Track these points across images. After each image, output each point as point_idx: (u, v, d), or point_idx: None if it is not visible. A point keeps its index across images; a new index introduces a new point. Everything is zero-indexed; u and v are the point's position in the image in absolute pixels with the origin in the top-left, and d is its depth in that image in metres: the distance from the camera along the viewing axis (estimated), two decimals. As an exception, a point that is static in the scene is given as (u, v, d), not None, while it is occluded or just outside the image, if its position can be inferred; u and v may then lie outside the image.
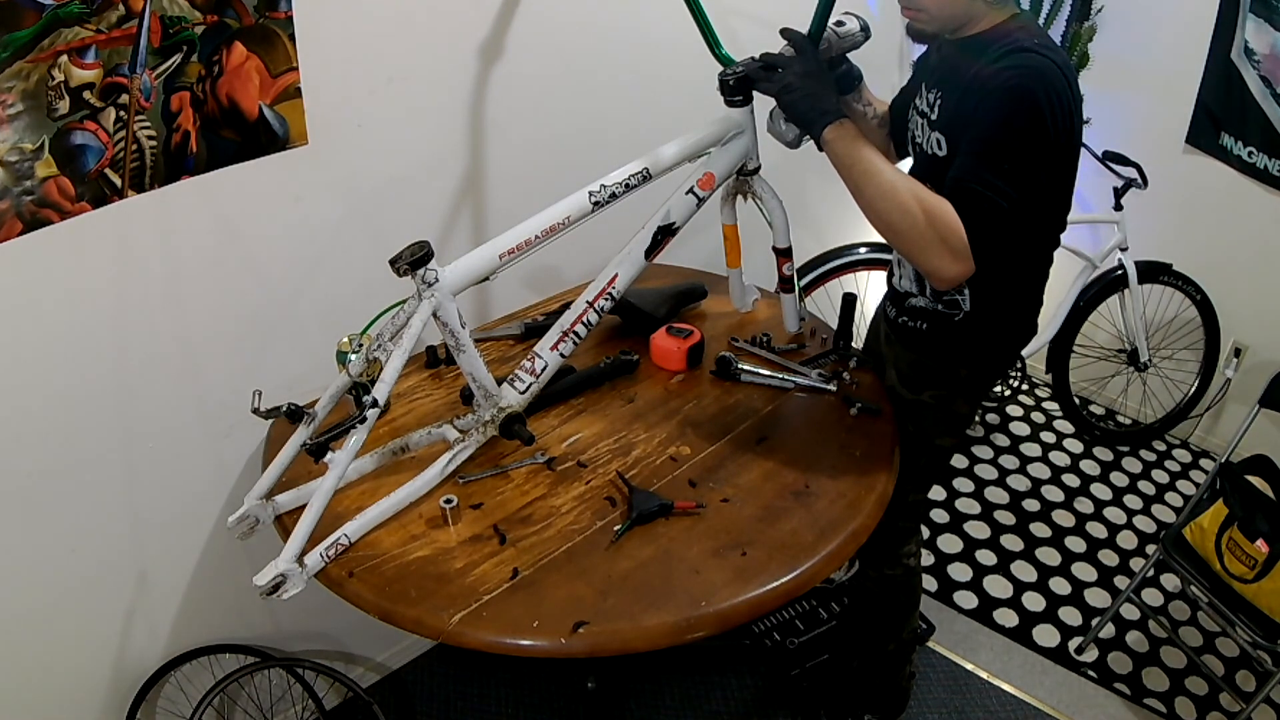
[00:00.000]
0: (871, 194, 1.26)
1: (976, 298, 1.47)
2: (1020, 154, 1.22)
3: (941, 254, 1.22)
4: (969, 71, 1.29)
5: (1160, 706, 2.12)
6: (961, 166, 1.25)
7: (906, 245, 1.26)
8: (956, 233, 1.21)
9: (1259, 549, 1.84)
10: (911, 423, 1.61)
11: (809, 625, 2.13)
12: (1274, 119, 2.48)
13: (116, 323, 1.41)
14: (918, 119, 1.45)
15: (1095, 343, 3.04)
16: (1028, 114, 1.21)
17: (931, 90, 1.41)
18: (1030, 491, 2.81)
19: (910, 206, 1.23)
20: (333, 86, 1.50)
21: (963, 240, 1.21)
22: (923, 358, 1.58)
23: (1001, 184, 1.21)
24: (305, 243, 1.59)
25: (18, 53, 1.15)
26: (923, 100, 1.44)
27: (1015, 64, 1.22)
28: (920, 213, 1.22)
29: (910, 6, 1.34)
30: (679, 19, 1.63)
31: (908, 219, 1.23)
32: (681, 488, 1.38)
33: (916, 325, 1.56)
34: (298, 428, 1.30)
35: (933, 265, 1.25)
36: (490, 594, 1.18)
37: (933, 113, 1.39)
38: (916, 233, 1.23)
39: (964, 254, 1.22)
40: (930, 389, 1.59)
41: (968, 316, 1.49)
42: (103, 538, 1.53)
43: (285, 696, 1.90)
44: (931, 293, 1.51)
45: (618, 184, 1.45)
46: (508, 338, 1.80)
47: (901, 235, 1.25)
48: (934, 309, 1.52)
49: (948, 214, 1.21)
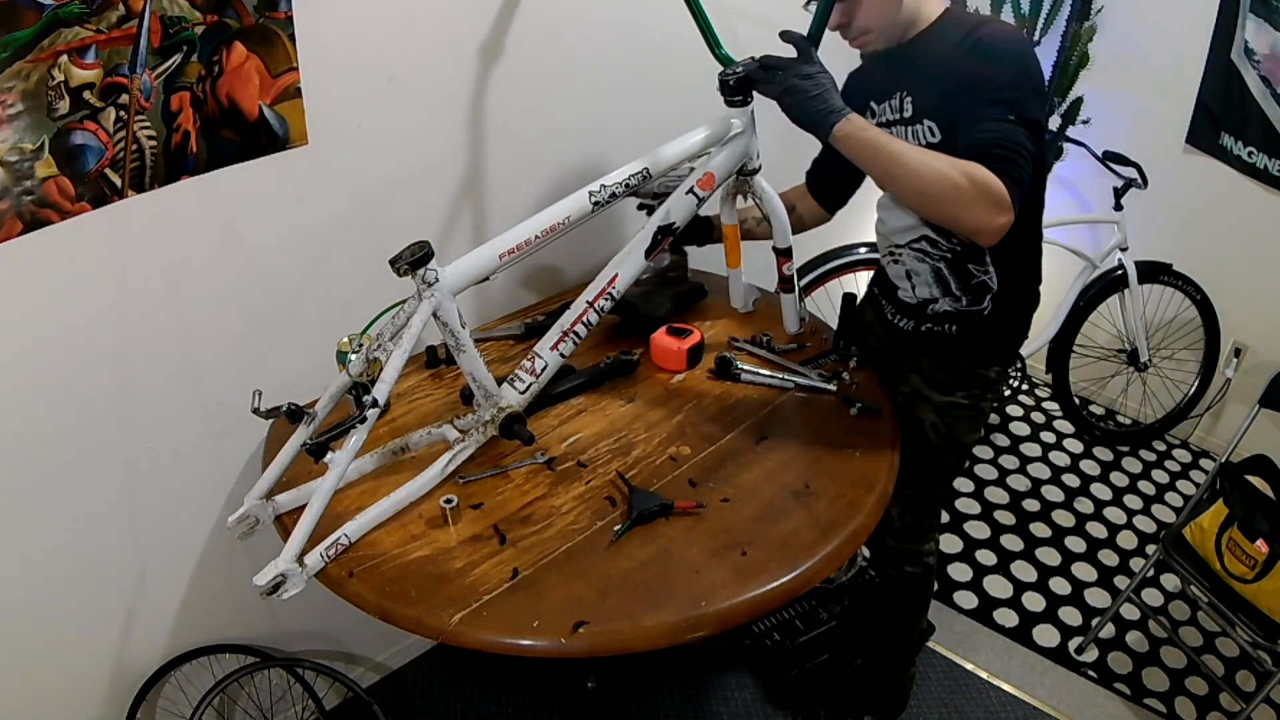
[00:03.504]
0: (905, 173, 1.28)
1: (1001, 269, 1.49)
2: (1024, 106, 1.27)
3: (987, 208, 1.25)
4: (942, 58, 1.35)
5: (1160, 706, 2.12)
6: (978, 129, 1.28)
7: (952, 209, 1.27)
8: (996, 185, 1.23)
9: (1259, 549, 1.84)
10: (944, 424, 1.63)
11: (809, 625, 2.13)
12: (1274, 119, 2.48)
13: (116, 323, 1.41)
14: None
15: (1095, 343, 3.04)
16: (1022, 71, 1.29)
17: (891, 97, 1.45)
18: (1030, 491, 2.81)
19: (948, 172, 1.24)
20: (333, 86, 1.50)
21: (1003, 191, 1.24)
22: (953, 360, 1.60)
23: (1019, 136, 1.26)
24: (305, 243, 1.59)
25: (18, 53, 1.15)
26: (881, 113, 1.48)
27: (992, 33, 1.31)
28: (959, 174, 1.24)
29: (856, 35, 1.42)
30: (679, 19, 1.63)
31: (948, 183, 1.24)
32: (681, 488, 1.38)
33: (945, 329, 1.58)
34: (298, 428, 1.30)
35: (980, 222, 1.26)
36: (490, 594, 1.18)
37: (905, 112, 1.43)
38: (960, 193, 1.24)
39: (1006, 204, 1.25)
40: (963, 389, 1.61)
41: (996, 299, 1.52)
42: (103, 538, 1.53)
43: (285, 696, 1.90)
44: (958, 289, 1.53)
45: (618, 184, 1.45)
46: (508, 338, 1.80)
47: (947, 201, 1.26)
48: (960, 309, 1.54)
49: (981, 170, 1.24)
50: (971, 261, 1.50)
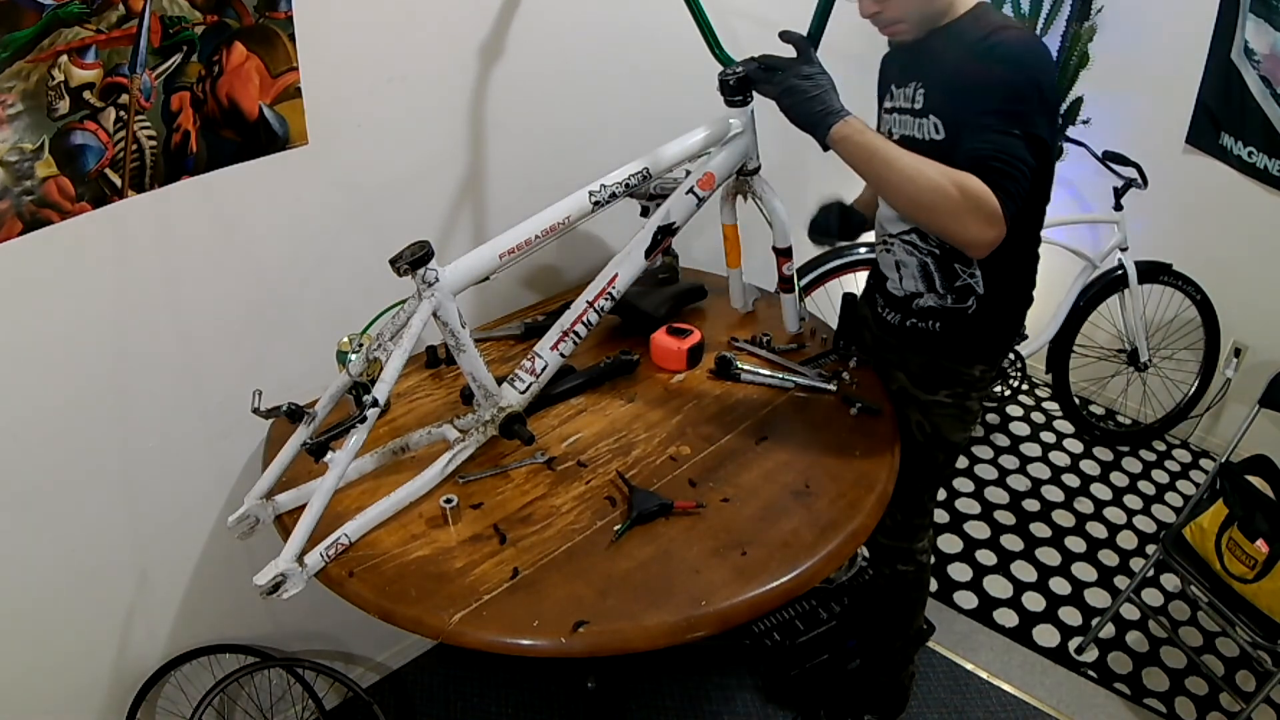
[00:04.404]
0: (898, 179, 1.27)
1: (989, 277, 1.48)
2: (1030, 120, 1.26)
3: (978, 222, 1.24)
4: (955, 56, 1.33)
5: (1160, 706, 2.12)
6: (978, 138, 1.27)
7: (942, 219, 1.27)
8: (988, 198, 1.23)
9: (1259, 549, 1.84)
10: (929, 422, 1.62)
11: (809, 625, 2.13)
12: (1274, 119, 2.48)
13: (116, 323, 1.41)
14: (895, 116, 1.47)
15: (1095, 343, 3.04)
16: (1033, 84, 1.27)
17: (907, 84, 1.44)
18: (1030, 491, 2.81)
19: (940, 182, 1.24)
20: (333, 86, 1.50)
21: (995, 205, 1.23)
22: (937, 358, 1.59)
23: (1019, 150, 1.25)
24: (305, 243, 1.59)
25: (18, 53, 1.15)
26: (897, 98, 1.47)
27: (1008, 40, 1.29)
28: (951, 185, 1.23)
29: (888, 23, 1.39)
30: (678, 19, 1.63)
31: (940, 194, 1.24)
32: (681, 487, 1.38)
33: (928, 326, 1.57)
34: (298, 428, 1.30)
35: (970, 235, 1.26)
36: (490, 594, 1.18)
37: (915, 103, 1.42)
38: (951, 205, 1.24)
39: (998, 218, 1.24)
40: (946, 388, 1.60)
41: (980, 302, 1.50)
42: (103, 538, 1.53)
43: (285, 696, 1.90)
44: (942, 287, 1.52)
45: (618, 184, 1.45)
46: (508, 338, 1.80)
47: (937, 211, 1.26)
48: (944, 306, 1.53)
49: (975, 182, 1.23)
50: (958, 262, 1.49)
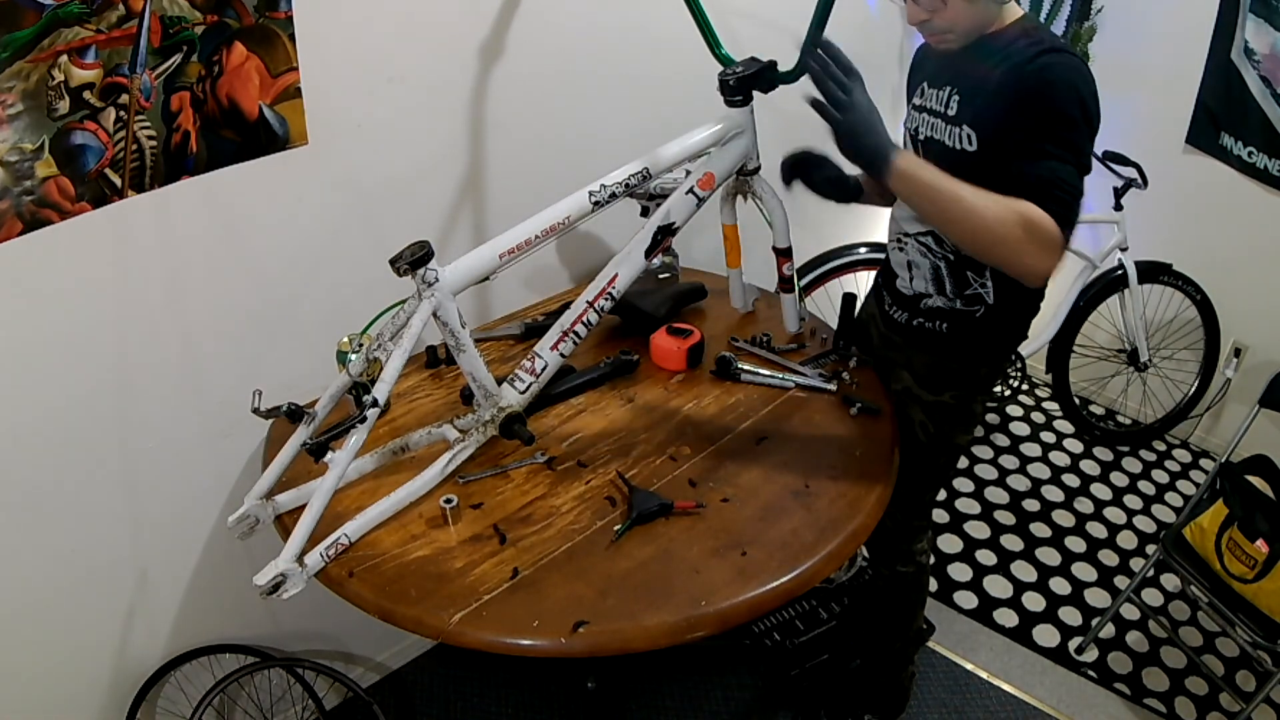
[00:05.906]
0: (961, 213, 1.24)
1: (1000, 288, 1.48)
2: (1082, 148, 1.25)
3: (1039, 252, 1.22)
4: (999, 71, 1.31)
5: (1160, 706, 2.12)
6: (1036, 166, 1.24)
7: (1003, 251, 1.24)
8: (1051, 229, 1.21)
9: (1259, 549, 1.84)
10: (933, 423, 1.62)
11: (809, 625, 2.13)
12: (1274, 119, 2.48)
13: (116, 323, 1.41)
14: (925, 116, 1.46)
15: (1095, 343, 3.04)
16: (1088, 113, 1.25)
17: (941, 88, 1.42)
18: (1030, 491, 2.81)
19: (1005, 215, 1.21)
20: (333, 86, 1.50)
21: (1057, 235, 1.21)
22: (943, 359, 1.59)
23: (1075, 179, 1.24)
24: (305, 243, 1.59)
25: (18, 53, 1.15)
26: (929, 98, 1.45)
27: (1062, 64, 1.26)
28: (1015, 217, 1.21)
29: (936, 32, 1.36)
30: (679, 19, 1.63)
31: (1005, 227, 1.21)
32: (681, 487, 1.38)
33: (935, 326, 1.56)
34: (298, 428, 1.30)
35: (1029, 265, 1.24)
36: (490, 594, 1.18)
37: (949, 109, 1.40)
38: (1015, 238, 1.21)
39: (1059, 248, 1.22)
40: (951, 389, 1.60)
41: (989, 310, 1.50)
42: (103, 538, 1.53)
43: (285, 696, 1.90)
44: (951, 291, 1.51)
45: (618, 184, 1.45)
46: (508, 338, 1.80)
47: (1002, 243, 1.23)
48: (953, 308, 1.53)
49: (1036, 212, 1.21)
50: (970, 270, 1.48)
